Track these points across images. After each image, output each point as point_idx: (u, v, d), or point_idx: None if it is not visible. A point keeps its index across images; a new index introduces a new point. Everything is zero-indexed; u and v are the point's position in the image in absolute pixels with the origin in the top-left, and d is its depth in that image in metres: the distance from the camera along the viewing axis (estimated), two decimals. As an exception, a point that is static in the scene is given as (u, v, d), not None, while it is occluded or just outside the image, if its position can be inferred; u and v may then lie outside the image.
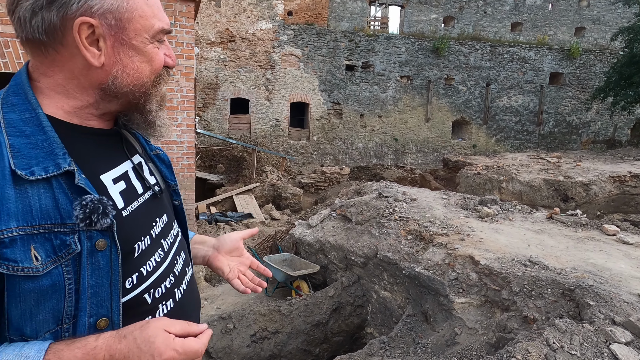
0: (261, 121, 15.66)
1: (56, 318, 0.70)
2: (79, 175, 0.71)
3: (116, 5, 0.73)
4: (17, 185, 0.66)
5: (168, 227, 0.92)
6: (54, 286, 0.68)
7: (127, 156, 0.87)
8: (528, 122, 18.42)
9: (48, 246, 0.68)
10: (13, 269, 0.65)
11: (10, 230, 0.65)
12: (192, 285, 0.97)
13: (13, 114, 0.71)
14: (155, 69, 0.81)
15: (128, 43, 0.76)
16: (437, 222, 4.39)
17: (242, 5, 14.99)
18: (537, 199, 7.98)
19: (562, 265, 3.23)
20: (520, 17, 19.21)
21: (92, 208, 0.70)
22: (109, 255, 0.73)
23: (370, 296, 4.42)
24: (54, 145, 0.71)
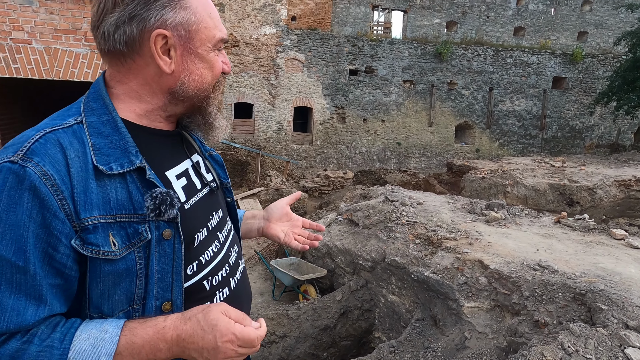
0: (265, 125, 15.71)
1: (129, 299, 0.79)
2: (149, 171, 0.80)
3: (186, 19, 0.82)
4: (98, 179, 0.75)
5: (223, 221, 1.00)
6: (128, 270, 0.77)
7: (187, 155, 0.95)
8: (531, 127, 18.43)
9: (123, 234, 0.76)
10: (95, 253, 0.74)
11: (93, 218, 0.74)
12: (244, 277, 1.05)
13: (93, 117, 0.81)
14: (216, 75, 0.90)
15: (194, 52, 0.85)
16: (445, 226, 4.39)
17: (245, 10, 15.08)
18: (543, 203, 7.97)
19: (572, 269, 3.23)
20: (522, 21, 19.27)
21: (161, 200, 0.78)
22: (173, 244, 0.81)
23: (378, 300, 4.42)
24: (128, 145, 0.80)
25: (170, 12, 0.81)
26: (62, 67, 4.60)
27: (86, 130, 0.78)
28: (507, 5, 18.98)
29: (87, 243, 0.73)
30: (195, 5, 0.84)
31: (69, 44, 4.55)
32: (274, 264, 5.14)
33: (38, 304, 0.71)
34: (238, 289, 0.99)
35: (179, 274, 0.82)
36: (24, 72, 4.48)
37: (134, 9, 0.78)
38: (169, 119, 0.91)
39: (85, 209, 0.73)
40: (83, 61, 4.65)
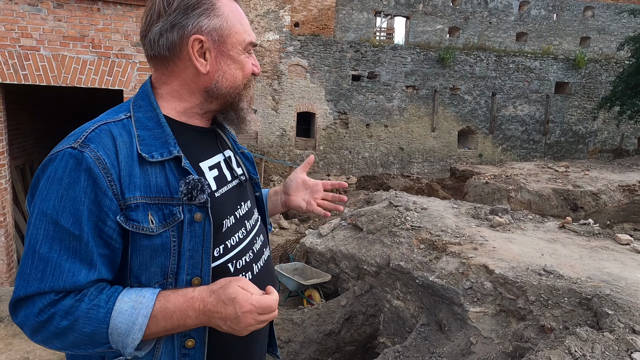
0: (268, 131, 15.77)
1: (163, 272, 0.89)
2: (185, 160, 0.91)
3: (219, 25, 0.94)
4: (141, 165, 0.87)
5: (250, 212, 1.10)
6: (163, 246, 0.87)
7: (220, 150, 1.06)
8: (534, 132, 18.42)
9: (160, 214, 0.87)
10: (136, 228, 0.85)
11: (135, 198, 0.85)
12: (268, 265, 1.13)
13: (140, 113, 0.94)
14: (246, 75, 1.00)
15: (227, 54, 0.96)
16: (450, 231, 4.40)
17: (249, 17, 15.18)
18: (547, 208, 7.96)
19: (577, 274, 3.23)
20: (525, 27, 19.32)
21: (193, 185, 0.88)
22: (203, 227, 0.91)
23: (383, 305, 4.42)
24: (168, 137, 0.91)
25: (205, 20, 0.93)
26: (70, 73, 4.65)
27: (133, 123, 0.91)
28: (509, 11, 19.05)
29: (130, 219, 0.84)
30: (227, 13, 0.95)
31: (76, 50, 4.60)
32: (278, 269, 5.15)
33: (89, 268, 0.83)
34: (261, 274, 1.07)
35: (207, 253, 0.91)
36: (32, 79, 4.53)
37: (174, 18, 0.91)
38: (205, 116, 1.02)
39: (130, 189, 0.85)
40: (90, 67, 4.70)
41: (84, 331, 0.81)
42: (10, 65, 4.47)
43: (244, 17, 1.01)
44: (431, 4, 18.34)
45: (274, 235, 8.54)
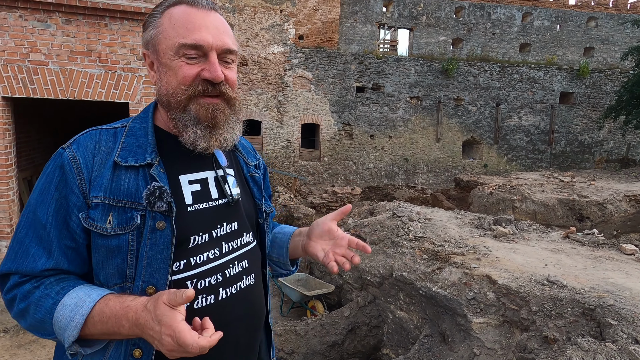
0: (273, 142, 15.86)
1: (121, 275, 0.90)
2: (155, 168, 0.92)
3: (152, 35, 0.96)
4: (116, 169, 0.91)
5: (235, 234, 1.04)
6: (119, 247, 0.89)
7: (213, 168, 1.04)
8: (539, 142, 18.37)
9: (123, 217, 0.89)
10: (91, 225, 0.89)
11: (97, 198, 0.89)
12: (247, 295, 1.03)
13: (137, 123, 1.00)
14: (180, 80, 0.93)
15: (161, 61, 0.96)
16: (453, 241, 4.39)
17: (254, 30, 15.40)
18: (552, 219, 7.91)
19: (581, 284, 3.21)
20: (528, 38, 19.40)
21: (152, 191, 0.89)
22: (165, 236, 0.90)
23: (386, 316, 4.40)
24: (149, 145, 0.95)
25: (145, 34, 0.98)
26: (77, 87, 4.74)
27: (125, 132, 0.97)
28: (512, 22, 19.17)
29: (89, 217, 0.89)
30: (162, 21, 0.95)
31: (84, 65, 4.70)
32: (282, 279, 5.15)
33: (48, 256, 0.88)
34: (229, 301, 0.99)
35: (166, 263, 0.90)
36: (41, 92, 4.63)
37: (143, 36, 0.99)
38: None
39: (95, 189, 0.89)
40: (97, 81, 4.79)
41: (36, 317, 0.86)
42: (19, 79, 4.57)
43: (189, 20, 0.93)
44: (434, 16, 18.51)
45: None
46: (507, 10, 19.05)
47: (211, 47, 0.93)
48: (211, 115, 0.95)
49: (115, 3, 4.57)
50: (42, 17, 4.53)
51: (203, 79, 0.93)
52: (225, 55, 0.97)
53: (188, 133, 0.95)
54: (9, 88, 4.56)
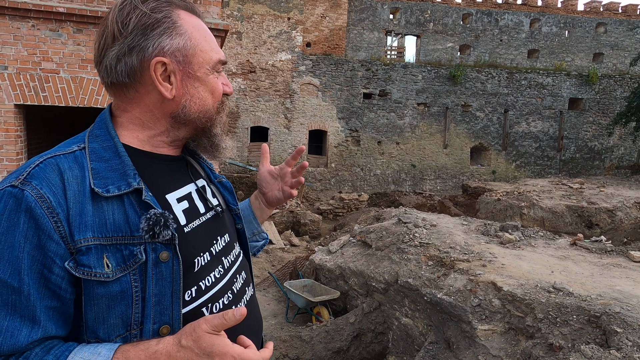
0: (280, 148, 15.94)
1: (125, 323, 0.78)
2: (146, 193, 0.81)
3: (182, 44, 0.84)
4: (95, 201, 0.77)
5: (229, 246, 0.99)
6: (123, 292, 0.76)
7: (192, 179, 0.96)
8: (548, 148, 18.24)
9: (118, 256, 0.76)
10: (88, 274, 0.74)
11: (87, 240, 0.74)
12: (251, 306, 1.00)
13: (96, 143, 0.84)
14: (217, 97, 0.91)
15: (193, 75, 0.87)
16: (458, 248, 4.38)
17: (262, 38, 15.55)
18: (560, 225, 7.83)
19: (588, 291, 3.18)
20: (536, 44, 19.35)
21: (155, 220, 0.78)
22: (171, 267, 0.80)
23: (392, 323, 4.39)
24: (127, 168, 0.81)
25: (167, 40, 0.83)
26: (87, 95, 4.84)
27: (87, 155, 0.81)
28: (520, 29, 19.13)
29: (80, 264, 0.74)
30: (190, 31, 0.86)
31: (94, 73, 4.80)
32: (288, 285, 5.16)
33: (32, 325, 0.72)
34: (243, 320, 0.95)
35: (177, 297, 0.80)
36: (52, 100, 4.72)
37: (132, 40, 0.81)
38: (173, 144, 0.92)
39: (80, 230, 0.74)
40: (106, 89, 4.87)
41: None
42: (31, 87, 4.68)
43: (210, 33, 0.91)
44: (442, 22, 18.55)
45: (285, 252, 8.57)
46: (515, 16, 19.03)
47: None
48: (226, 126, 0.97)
49: (125, 12, 4.68)
50: (54, 27, 4.63)
51: (224, 94, 0.93)
52: None
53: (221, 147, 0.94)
54: (21, 96, 4.66)
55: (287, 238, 9.47)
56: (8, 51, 4.56)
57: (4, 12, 4.44)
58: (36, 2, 4.54)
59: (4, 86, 4.60)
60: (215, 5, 5.06)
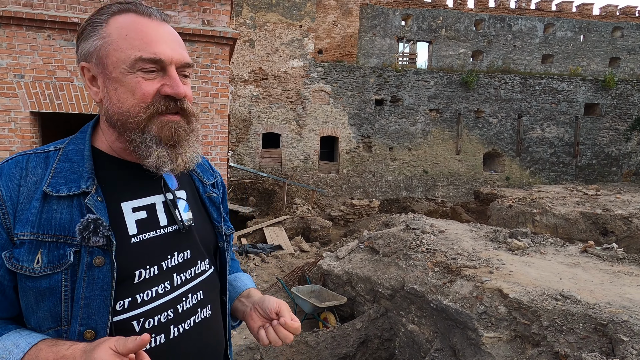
0: (292, 155, 16.01)
1: (55, 318, 0.80)
2: (91, 197, 0.81)
3: (98, 45, 0.84)
4: (46, 200, 0.80)
5: (189, 263, 0.94)
6: (51, 289, 0.78)
7: (162, 191, 0.93)
8: (564, 154, 17.95)
9: (55, 254, 0.78)
10: (15, 267, 0.78)
11: (22, 235, 0.78)
12: (202, 329, 0.94)
13: (73, 145, 0.88)
14: (139, 98, 0.83)
15: (110, 76, 0.84)
16: (465, 254, 4.34)
17: (274, 45, 15.72)
18: (574, 233, 7.69)
19: (596, 299, 3.12)
20: (550, 49, 19.13)
21: (85, 225, 0.78)
22: (104, 273, 0.80)
23: (398, 330, 4.37)
24: (84, 171, 0.84)
25: (86, 44, 0.85)
26: (100, 102, 4.96)
27: (58, 156, 0.85)
28: (534, 34, 18.95)
29: (13, 257, 0.77)
30: (108, 32, 0.84)
31: (106, 81, 4.92)
32: (295, 291, 5.17)
33: None
34: (181, 340, 0.89)
35: (107, 304, 0.80)
36: (66, 107, 4.86)
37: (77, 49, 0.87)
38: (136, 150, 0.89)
39: (20, 224, 0.78)
40: (119, 96, 5.00)
41: None
42: (46, 95, 4.82)
43: (143, 31, 0.84)
44: (454, 28, 18.49)
45: (295, 257, 8.59)
46: (529, 21, 18.87)
47: (171, 61, 0.85)
48: (174, 133, 0.86)
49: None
50: (68, 37, 4.78)
51: (164, 96, 0.85)
52: (184, 69, 0.89)
53: (151, 156, 0.85)
54: (36, 103, 4.81)
55: (297, 244, 9.49)
56: (25, 60, 4.71)
57: (21, 24, 4.60)
58: (52, 13, 4.68)
59: (21, 94, 4.75)
60: (224, 14, 5.15)
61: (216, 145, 5.35)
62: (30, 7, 4.65)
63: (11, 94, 4.73)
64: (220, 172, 5.42)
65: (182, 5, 4.97)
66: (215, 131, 5.33)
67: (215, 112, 5.31)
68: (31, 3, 4.66)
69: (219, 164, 5.41)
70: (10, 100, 4.74)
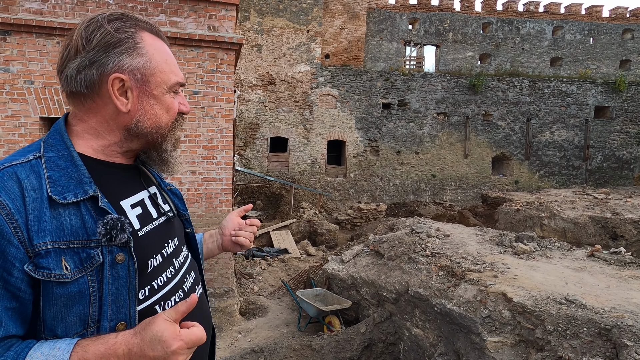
0: (299, 159, 16.05)
1: (83, 321, 0.83)
2: (102, 199, 0.87)
3: (142, 64, 0.92)
4: (53, 208, 0.82)
5: (178, 249, 1.06)
6: (81, 292, 0.82)
7: (144, 187, 1.03)
8: (574, 157, 17.76)
9: (76, 258, 0.82)
10: (47, 276, 0.80)
11: (45, 244, 0.80)
12: (201, 303, 1.06)
13: (52, 152, 0.89)
14: (172, 115, 0.99)
15: (150, 93, 0.94)
16: (470, 258, 4.32)
17: (281, 50, 15.80)
18: (583, 237, 7.60)
19: (602, 304, 3.09)
20: (559, 52, 18.99)
21: (112, 225, 0.84)
22: (127, 268, 0.86)
23: (403, 333, 4.35)
24: (83, 176, 0.87)
25: (127, 58, 0.90)
26: (108, 107, 5.03)
27: (43, 164, 0.86)
28: (542, 37, 18.83)
29: (40, 267, 0.79)
30: (151, 52, 0.94)
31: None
32: (300, 294, 5.18)
33: None
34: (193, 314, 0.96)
35: (133, 295, 0.87)
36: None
37: (94, 56, 0.88)
38: (126, 154, 0.99)
39: (39, 235, 0.79)
40: (126, 101, 5.06)
41: None
42: (55, 100, 4.90)
43: (171, 55, 0.99)
44: (461, 32, 18.45)
45: (301, 261, 8.59)
46: (537, 24, 18.76)
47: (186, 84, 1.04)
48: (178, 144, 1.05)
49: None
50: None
51: (179, 112, 1.01)
52: None
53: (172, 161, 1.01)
54: (45, 109, 4.89)
55: (303, 247, 9.49)
56: (35, 67, 4.80)
57: (31, 31, 4.69)
58: (61, 20, 4.77)
59: (31, 100, 4.84)
60: (229, 20, 5.20)
61: (221, 149, 5.38)
62: (40, 15, 4.74)
63: (21, 100, 4.82)
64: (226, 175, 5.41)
65: (188, 12, 5.03)
66: (220, 135, 5.37)
67: (220, 117, 5.35)
68: (41, 11, 4.75)
69: (224, 168, 5.44)
70: (21, 105, 4.83)
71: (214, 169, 5.41)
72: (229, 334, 5.28)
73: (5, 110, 4.80)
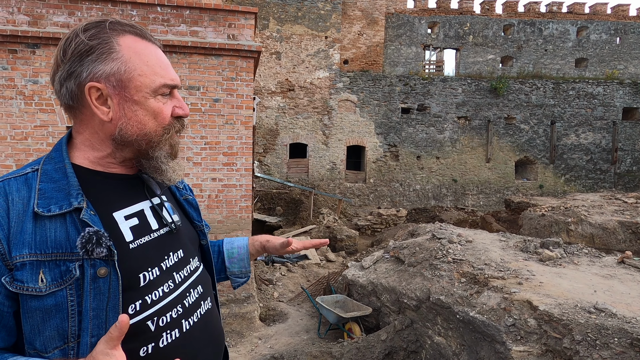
0: (318, 164, 16.08)
1: (62, 336, 0.81)
2: (85, 212, 0.84)
3: (116, 69, 0.87)
4: (37, 220, 0.82)
5: (183, 261, 1.01)
6: (58, 306, 0.80)
7: (147, 197, 0.99)
8: (601, 161, 17.24)
9: (56, 271, 0.80)
10: (20, 288, 0.79)
11: (22, 256, 0.79)
12: (207, 320, 1.02)
13: (50, 165, 0.89)
14: (161, 120, 0.92)
15: (130, 99, 0.89)
16: (493, 264, 4.22)
17: (300, 57, 15.92)
18: (612, 243, 7.34)
19: (633, 313, 2.97)
20: (584, 52, 18.52)
21: (88, 238, 0.81)
22: (109, 282, 0.83)
23: (424, 341, 4.27)
24: (72, 188, 0.86)
25: (100, 65, 0.86)
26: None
27: (38, 176, 0.86)
28: (566, 37, 18.42)
29: (15, 280, 0.78)
30: (128, 56, 0.88)
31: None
32: (320, 301, 5.16)
33: None
34: (193, 331, 0.97)
35: (115, 311, 0.83)
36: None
37: (70, 67, 0.86)
38: (125, 164, 0.96)
39: (17, 248, 0.79)
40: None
41: None
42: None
43: (157, 57, 0.93)
44: (482, 35, 18.21)
45: (320, 267, 8.57)
46: (560, 25, 18.37)
47: (179, 85, 0.95)
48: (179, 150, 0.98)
49: (165, 38, 4.97)
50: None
51: (176, 117, 0.95)
52: None
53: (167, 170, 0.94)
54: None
55: (323, 253, 9.47)
56: (62, 78, 4.96)
57: (56, 43, 4.86)
58: (87, 32, 4.92)
59: (58, 110, 5.00)
60: (248, 28, 5.27)
61: (241, 156, 5.43)
62: (67, 28, 4.90)
63: (49, 110, 4.98)
64: (246, 181, 5.44)
65: (208, 21, 5.12)
66: (240, 142, 5.42)
67: (240, 124, 5.41)
68: (68, 24, 4.91)
69: (244, 174, 5.49)
70: (49, 115, 4.99)
71: (234, 175, 5.46)
72: (249, 339, 5.29)
73: (34, 121, 4.97)
